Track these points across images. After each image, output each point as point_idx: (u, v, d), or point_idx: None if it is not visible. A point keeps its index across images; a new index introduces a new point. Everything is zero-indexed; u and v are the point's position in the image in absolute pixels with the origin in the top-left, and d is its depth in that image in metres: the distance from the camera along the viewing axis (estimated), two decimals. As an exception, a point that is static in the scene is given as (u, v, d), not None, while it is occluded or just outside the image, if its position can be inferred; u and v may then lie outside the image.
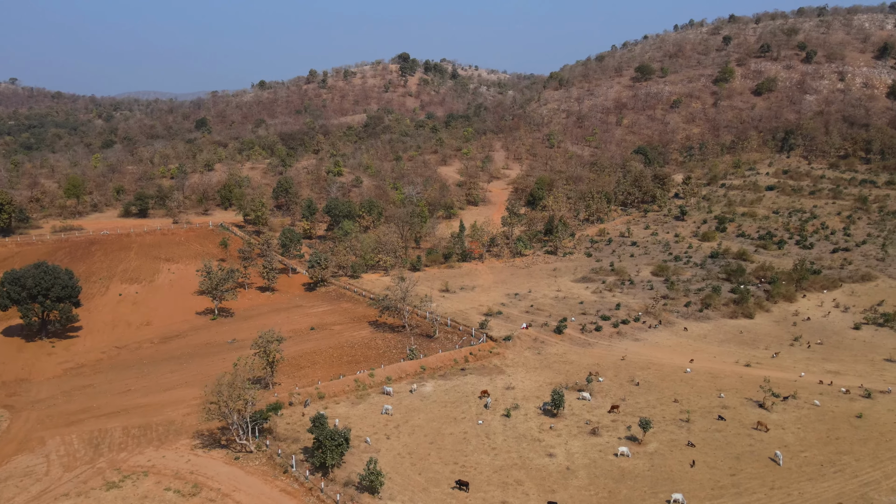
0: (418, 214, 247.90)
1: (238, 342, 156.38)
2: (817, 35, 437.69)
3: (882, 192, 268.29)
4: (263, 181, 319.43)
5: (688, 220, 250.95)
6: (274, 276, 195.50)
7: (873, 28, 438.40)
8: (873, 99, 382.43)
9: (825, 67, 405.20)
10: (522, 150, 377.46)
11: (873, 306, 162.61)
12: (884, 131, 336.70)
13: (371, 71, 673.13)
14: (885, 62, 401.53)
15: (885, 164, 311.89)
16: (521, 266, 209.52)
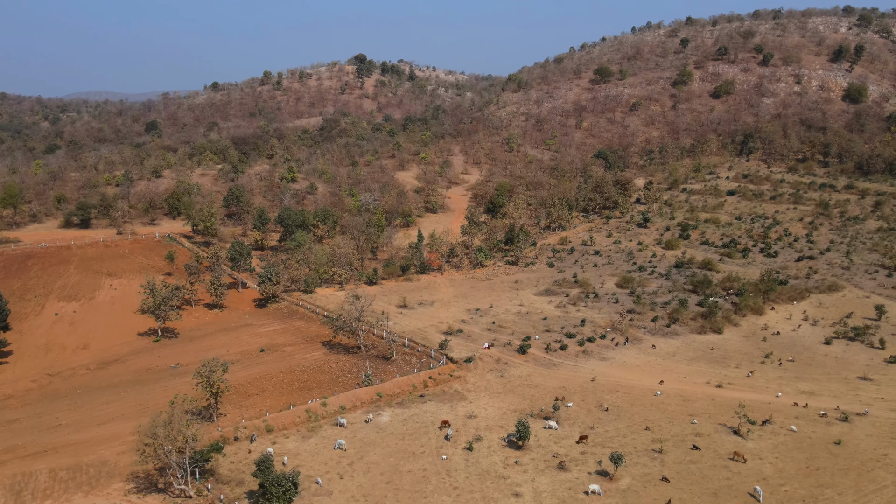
0: (375, 223, 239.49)
1: (182, 367, 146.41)
2: (773, 38, 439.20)
3: (842, 197, 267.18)
4: (214, 188, 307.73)
5: (650, 227, 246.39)
6: (222, 293, 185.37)
7: (827, 31, 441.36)
8: (829, 102, 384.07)
9: (782, 70, 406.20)
10: (481, 155, 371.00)
11: (842, 319, 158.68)
12: (841, 134, 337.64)
13: (327, 72, 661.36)
14: (840, 65, 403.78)
15: (843, 168, 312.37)
16: (482, 278, 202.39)
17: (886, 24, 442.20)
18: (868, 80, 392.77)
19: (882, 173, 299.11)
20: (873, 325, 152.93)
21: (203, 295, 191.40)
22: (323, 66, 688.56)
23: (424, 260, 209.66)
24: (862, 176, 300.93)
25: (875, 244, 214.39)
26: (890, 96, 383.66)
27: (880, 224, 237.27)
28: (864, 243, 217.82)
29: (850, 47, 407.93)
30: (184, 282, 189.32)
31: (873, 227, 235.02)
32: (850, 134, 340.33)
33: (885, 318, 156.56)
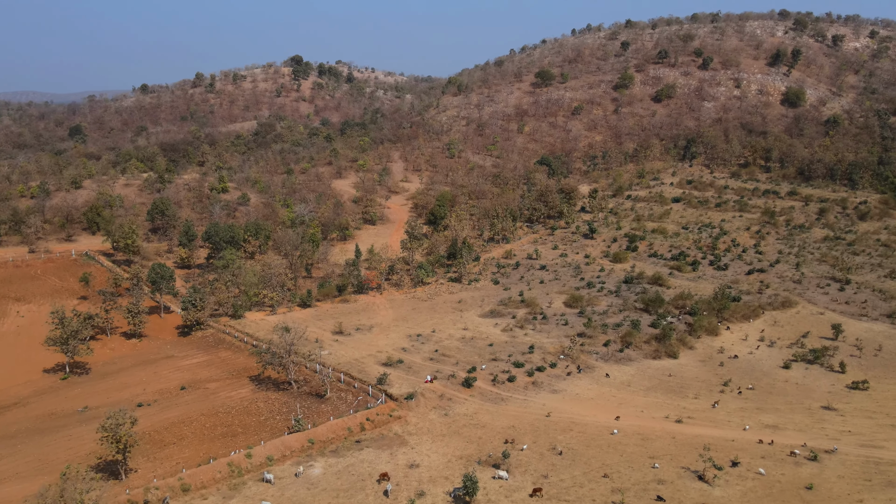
0: (309, 238, 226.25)
1: (91, 410, 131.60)
2: (712, 41, 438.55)
3: (786, 204, 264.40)
4: (139, 200, 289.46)
5: (597, 239, 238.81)
6: (141, 320, 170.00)
7: (765, 35, 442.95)
8: (769, 106, 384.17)
9: (721, 74, 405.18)
10: (422, 161, 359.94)
11: (799, 339, 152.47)
12: (781, 139, 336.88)
13: (262, 74, 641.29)
14: (778, 69, 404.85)
15: (785, 173, 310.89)
16: (424, 298, 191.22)
17: (821, 28, 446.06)
18: (805, 84, 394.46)
19: (823, 178, 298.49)
20: (831, 345, 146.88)
21: (121, 322, 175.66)
22: (258, 67, 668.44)
23: (362, 279, 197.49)
24: (804, 181, 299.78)
25: (823, 255, 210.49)
26: (827, 100, 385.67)
27: (826, 233, 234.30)
28: (813, 253, 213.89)
29: (787, 51, 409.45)
30: (99, 308, 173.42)
31: (819, 235, 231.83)
32: (791, 139, 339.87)
33: (843, 337, 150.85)
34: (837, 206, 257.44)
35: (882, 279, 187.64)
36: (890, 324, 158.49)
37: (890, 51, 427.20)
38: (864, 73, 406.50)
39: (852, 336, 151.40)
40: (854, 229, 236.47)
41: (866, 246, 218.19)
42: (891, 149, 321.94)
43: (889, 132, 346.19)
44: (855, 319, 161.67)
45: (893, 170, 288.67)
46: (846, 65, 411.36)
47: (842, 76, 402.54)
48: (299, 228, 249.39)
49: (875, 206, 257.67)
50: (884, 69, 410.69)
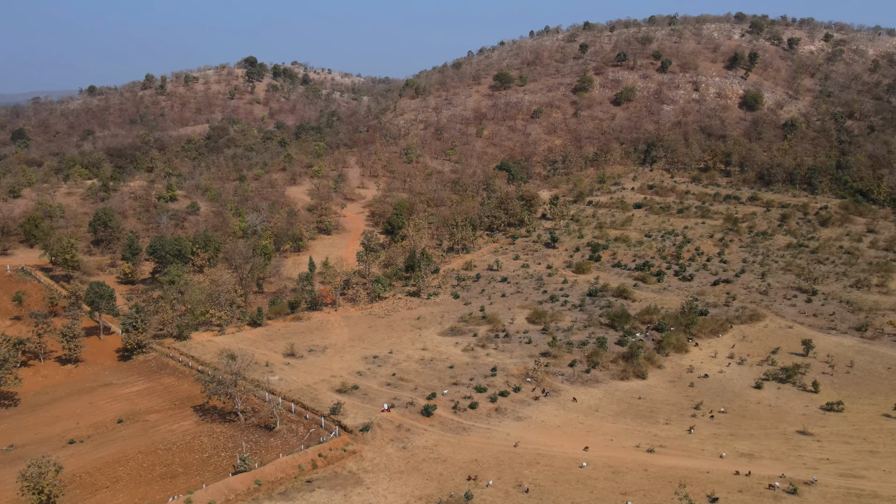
0: (261, 251, 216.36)
1: (17, 449, 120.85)
2: (670, 44, 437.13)
3: (748, 210, 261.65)
4: (82, 210, 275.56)
5: (559, 248, 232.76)
6: (78, 344, 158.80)
7: (722, 38, 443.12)
8: (727, 109, 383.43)
9: (680, 77, 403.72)
10: (379, 167, 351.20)
11: (769, 355, 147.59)
12: (741, 143, 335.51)
13: (215, 76, 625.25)
14: (736, 72, 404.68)
15: (745, 177, 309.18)
16: (381, 314, 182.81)
17: (777, 31, 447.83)
18: (763, 87, 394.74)
19: (783, 183, 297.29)
20: (802, 363, 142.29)
21: (56, 346, 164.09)
22: (211, 69, 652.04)
23: (316, 295, 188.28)
24: (764, 186, 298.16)
25: (788, 263, 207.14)
26: (784, 103, 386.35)
27: (789, 240, 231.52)
28: (777, 262, 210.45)
29: (744, 54, 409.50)
30: (30, 333, 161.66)
31: (782, 242, 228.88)
32: (750, 143, 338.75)
33: (813, 353, 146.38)
34: (799, 212, 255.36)
35: (848, 289, 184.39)
36: (859, 337, 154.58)
37: (844, 54, 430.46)
38: (820, 76, 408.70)
39: (823, 352, 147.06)
40: (816, 236, 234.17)
41: (830, 253, 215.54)
42: (848, 152, 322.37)
43: (846, 136, 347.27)
44: (824, 333, 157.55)
45: (852, 174, 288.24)
46: (802, 68, 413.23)
47: (798, 79, 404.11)
48: (251, 239, 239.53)
49: (835, 211, 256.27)
50: (839, 72, 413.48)
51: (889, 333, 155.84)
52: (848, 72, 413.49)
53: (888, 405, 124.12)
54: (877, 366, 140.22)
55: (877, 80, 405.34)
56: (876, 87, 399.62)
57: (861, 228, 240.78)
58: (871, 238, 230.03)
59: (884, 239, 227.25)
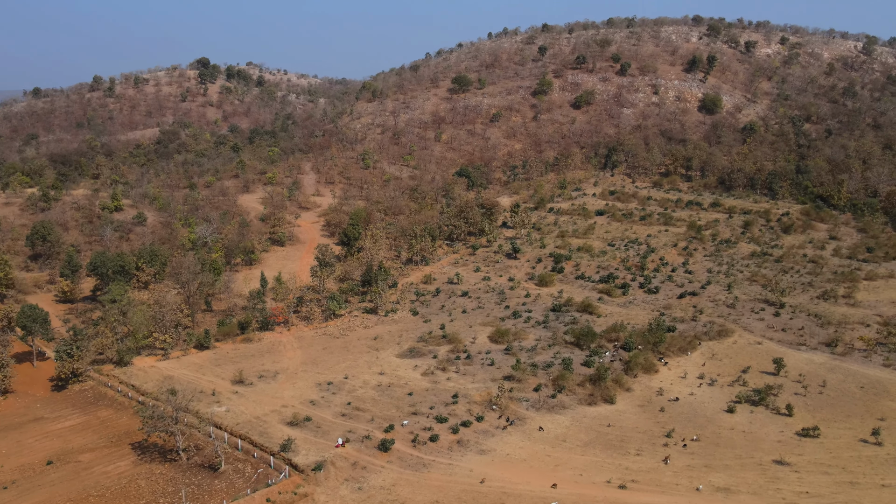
0: (211, 265, 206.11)
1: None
2: (629, 47, 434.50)
3: (711, 217, 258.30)
4: (20, 221, 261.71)
5: (521, 259, 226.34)
6: (8, 374, 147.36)
7: (680, 41, 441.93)
8: (687, 112, 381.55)
9: (639, 80, 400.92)
10: (335, 173, 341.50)
11: (740, 375, 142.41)
12: (701, 147, 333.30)
13: (166, 77, 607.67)
14: (695, 75, 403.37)
15: (706, 183, 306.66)
16: (336, 334, 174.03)
17: (734, 34, 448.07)
18: (721, 90, 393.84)
19: (743, 188, 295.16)
20: (774, 383, 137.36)
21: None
22: (162, 70, 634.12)
23: (267, 314, 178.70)
24: (725, 191, 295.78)
25: (753, 273, 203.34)
26: (743, 107, 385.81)
27: (752, 248, 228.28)
28: (742, 272, 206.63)
29: (702, 57, 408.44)
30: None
31: (746, 251, 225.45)
32: (710, 147, 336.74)
33: (785, 372, 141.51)
34: (761, 219, 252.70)
35: (815, 301, 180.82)
36: (830, 354, 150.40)
37: (800, 57, 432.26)
38: (777, 79, 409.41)
39: (794, 370, 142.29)
40: (780, 243, 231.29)
41: (794, 262, 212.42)
42: (807, 157, 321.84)
43: (804, 139, 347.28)
44: (794, 349, 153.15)
45: (811, 179, 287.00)
46: (759, 71, 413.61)
47: (756, 82, 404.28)
48: (201, 252, 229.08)
49: (797, 217, 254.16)
50: (795, 75, 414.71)
51: (859, 349, 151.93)
52: (804, 75, 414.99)
53: (865, 430, 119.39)
54: (850, 385, 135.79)
55: (832, 84, 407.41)
56: (832, 90, 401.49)
57: (823, 235, 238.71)
58: (833, 245, 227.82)
59: (846, 246, 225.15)
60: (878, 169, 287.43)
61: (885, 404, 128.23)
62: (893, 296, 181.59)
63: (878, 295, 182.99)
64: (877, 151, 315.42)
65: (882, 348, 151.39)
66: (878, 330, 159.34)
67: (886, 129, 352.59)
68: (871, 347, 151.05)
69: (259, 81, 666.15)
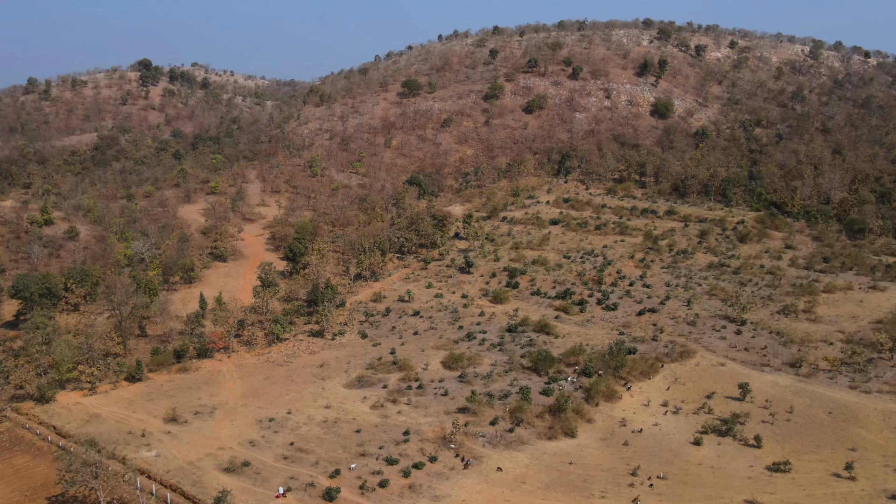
0: (146, 286, 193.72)
1: None
2: (580, 50, 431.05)
3: (666, 226, 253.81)
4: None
5: (475, 273, 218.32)
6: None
7: (631, 44, 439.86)
8: (639, 117, 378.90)
9: (591, 84, 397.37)
10: (281, 181, 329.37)
11: (705, 401, 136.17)
12: (654, 153, 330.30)
13: (105, 80, 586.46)
14: (647, 79, 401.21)
15: (660, 189, 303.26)
16: (280, 361, 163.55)
17: (684, 37, 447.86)
18: (673, 94, 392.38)
19: (698, 194, 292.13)
20: (740, 410, 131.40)
21: None
22: (101, 72, 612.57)
23: (206, 341, 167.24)
24: (679, 198, 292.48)
25: (712, 287, 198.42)
26: (694, 111, 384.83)
27: (709, 258, 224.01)
28: (700, 285, 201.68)
29: (654, 61, 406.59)
30: None
31: (703, 262, 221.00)
32: (664, 152, 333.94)
33: (751, 397, 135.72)
34: (717, 227, 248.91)
35: (776, 317, 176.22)
36: (795, 375, 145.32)
37: (749, 61, 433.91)
38: (728, 83, 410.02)
39: (760, 395, 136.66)
40: (736, 253, 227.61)
41: (752, 274, 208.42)
42: (759, 162, 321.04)
43: (756, 144, 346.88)
44: (758, 370, 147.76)
45: (765, 185, 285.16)
46: (710, 75, 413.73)
47: (706, 87, 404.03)
48: (137, 269, 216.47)
49: (752, 226, 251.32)
50: (745, 80, 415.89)
51: (824, 370, 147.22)
52: (754, 79, 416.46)
53: (837, 462, 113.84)
54: (817, 410, 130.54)
55: (781, 88, 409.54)
56: (781, 94, 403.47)
57: (779, 244, 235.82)
58: (790, 255, 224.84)
59: (802, 256, 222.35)
60: (829, 175, 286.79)
61: (855, 432, 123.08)
62: (853, 310, 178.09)
63: (839, 309, 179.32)
64: (827, 157, 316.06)
65: (847, 368, 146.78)
66: (842, 349, 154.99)
67: (835, 134, 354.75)
68: (835, 368, 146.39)
69: (204, 83, 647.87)
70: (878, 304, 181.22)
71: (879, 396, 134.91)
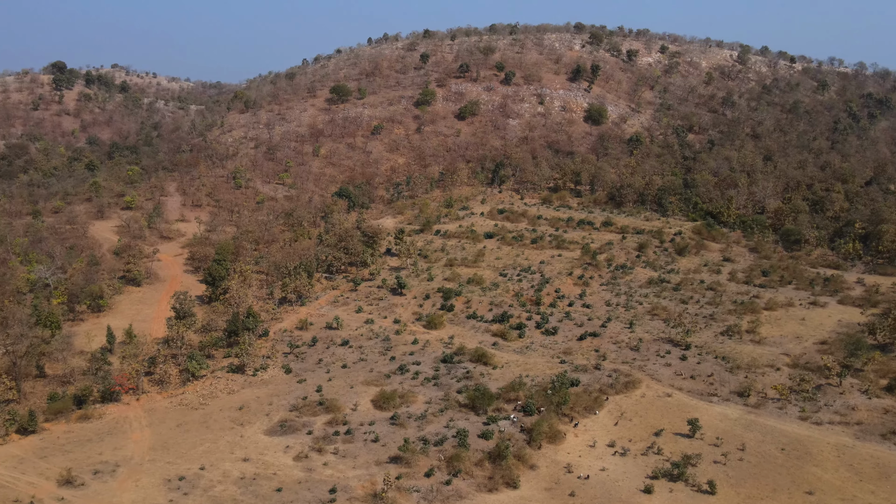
0: (47, 318, 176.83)
1: None
2: (513, 54, 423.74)
3: (604, 238, 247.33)
4: None
5: (407, 295, 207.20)
6: None
7: (563, 48, 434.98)
8: (573, 123, 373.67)
9: (524, 89, 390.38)
10: (202, 195, 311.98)
11: (653, 440, 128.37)
12: (589, 161, 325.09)
13: (16, 83, 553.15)
14: (580, 84, 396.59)
15: (596, 199, 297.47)
16: (195, 403, 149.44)
17: (615, 42, 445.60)
18: (606, 100, 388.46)
19: (634, 204, 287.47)
20: (692, 450, 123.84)
21: None
22: (10, 75, 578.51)
23: (112, 384, 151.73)
24: (615, 207, 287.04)
25: (653, 305, 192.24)
26: (628, 117, 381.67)
27: (649, 273, 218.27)
28: (641, 303, 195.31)
29: (586, 66, 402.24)
30: None
31: (643, 277, 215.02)
32: (598, 160, 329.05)
33: (701, 434, 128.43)
34: (655, 239, 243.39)
35: (720, 338, 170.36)
36: (743, 405, 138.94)
37: (680, 66, 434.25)
38: (659, 88, 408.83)
39: (710, 430, 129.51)
40: (675, 267, 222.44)
41: (692, 290, 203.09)
42: (693, 169, 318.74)
43: (689, 151, 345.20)
44: (706, 401, 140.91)
45: (700, 194, 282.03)
46: (642, 80, 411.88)
47: (639, 92, 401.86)
48: (40, 296, 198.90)
49: (690, 237, 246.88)
50: (676, 85, 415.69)
51: (772, 398, 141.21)
52: (684, 84, 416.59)
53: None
54: (769, 447, 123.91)
55: (712, 93, 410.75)
56: (711, 99, 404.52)
57: (717, 256, 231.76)
58: (729, 268, 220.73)
59: (741, 269, 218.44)
60: (762, 183, 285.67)
61: (811, 471, 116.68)
62: (796, 329, 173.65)
63: (782, 328, 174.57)
64: (759, 164, 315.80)
65: (796, 397, 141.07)
66: (790, 374, 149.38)
67: (764, 139, 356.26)
68: (784, 396, 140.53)
69: (123, 86, 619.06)
70: (821, 321, 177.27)
71: (831, 429, 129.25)
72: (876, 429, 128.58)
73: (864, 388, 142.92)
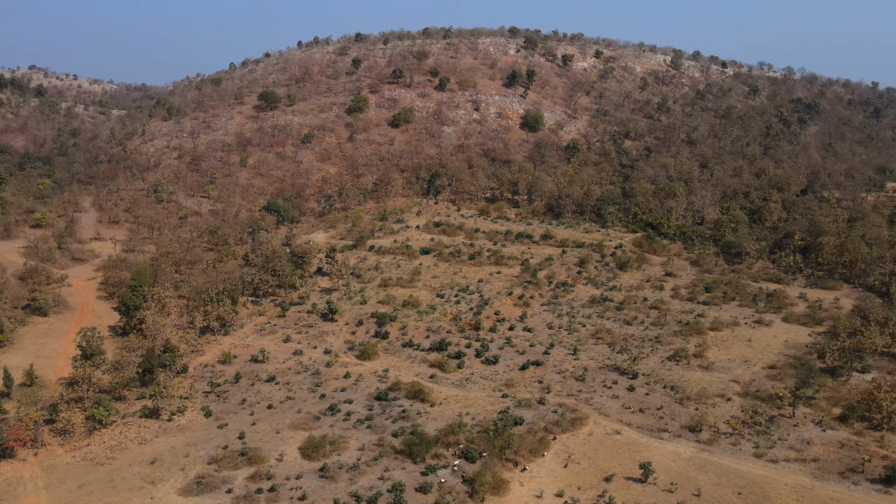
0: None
1: None
2: (447, 59, 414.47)
3: (543, 252, 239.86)
4: None
5: (339, 321, 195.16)
6: None
7: (498, 53, 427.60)
8: (509, 130, 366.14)
9: (459, 96, 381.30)
10: (120, 210, 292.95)
11: (603, 487, 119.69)
12: (526, 170, 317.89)
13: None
14: (515, 90, 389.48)
15: (534, 209, 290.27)
16: (100, 458, 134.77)
17: (550, 46, 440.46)
18: (542, 106, 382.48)
19: (573, 214, 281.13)
20: (645, 498, 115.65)
21: None
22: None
23: (4, 439, 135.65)
24: (554, 218, 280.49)
25: (597, 328, 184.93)
26: (564, 123, 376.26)
27: (591, 290, 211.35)
28: (584, 326, 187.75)
29: (521, 71, 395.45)
30: None
31: (585, 296, 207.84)
32: (536, 168, 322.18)
33: (654, 478, 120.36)
34: (595, 253, 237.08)
35: (667, 364, 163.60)
36: (695, 441, 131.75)
37: (615, 71, 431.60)
38: (595, 94, 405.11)
39: (663, 474, 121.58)
40: (617, 283, 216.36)
41: (636, 310, 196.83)
42: (630, 177, 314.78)
43: (626, 158, 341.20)
44: (657, 438, 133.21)
45: (639, 204, 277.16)
46: (578, 85, 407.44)
47: (575, 97, 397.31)
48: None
49: (631, 250, 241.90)
50: (612, 90, 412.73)
51: (725, 433, 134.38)
52: (620, 90, 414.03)
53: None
54: (726, 491, 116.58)
55: (647, 99, 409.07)
56: (646, 105, 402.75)
57: (659, 270, 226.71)
58: (671, 283, 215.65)
59: (684, 286, 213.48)
60: (700, 192, 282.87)
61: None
62: (744, 352, 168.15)
63: (729, 351, 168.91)
64: (695, 171, 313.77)
65: (749, 431, 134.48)
66: (742, 406, 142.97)
67: (700, 145, 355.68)
68: (738, 431, 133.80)
69: (39, 90, 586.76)
70: (767, 343, 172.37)
71: (787, 466, 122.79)
72: (833, 465, 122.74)
73: (817, 418, 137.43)
